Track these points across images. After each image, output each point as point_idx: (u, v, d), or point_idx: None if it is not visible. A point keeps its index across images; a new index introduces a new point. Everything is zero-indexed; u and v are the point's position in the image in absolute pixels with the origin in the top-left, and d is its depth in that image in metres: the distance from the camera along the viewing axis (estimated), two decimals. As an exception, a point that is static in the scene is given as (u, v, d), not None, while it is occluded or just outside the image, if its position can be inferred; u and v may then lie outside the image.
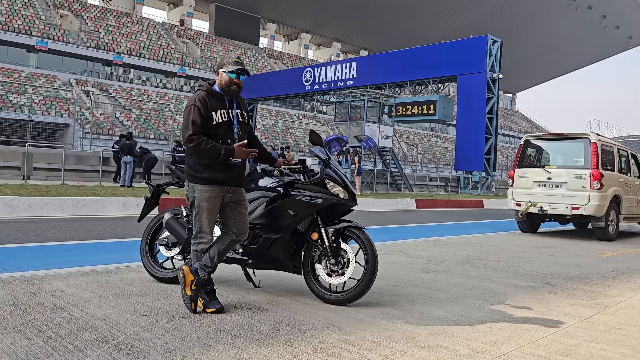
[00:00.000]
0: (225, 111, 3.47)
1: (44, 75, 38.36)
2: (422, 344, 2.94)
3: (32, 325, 2.92)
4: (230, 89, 3.47)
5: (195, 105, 3.37)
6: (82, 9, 48.65)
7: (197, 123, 3.33)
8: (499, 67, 26.01)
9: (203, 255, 3.48)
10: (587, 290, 4.72)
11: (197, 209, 3.45)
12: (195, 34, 56.79)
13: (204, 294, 3.44)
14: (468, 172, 26.47)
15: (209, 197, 3.43)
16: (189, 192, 3.49)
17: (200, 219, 3.45)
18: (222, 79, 3.46)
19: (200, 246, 3.48)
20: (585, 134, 9.31)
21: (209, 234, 3.49)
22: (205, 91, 3.47)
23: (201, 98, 3.41)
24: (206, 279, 3.46)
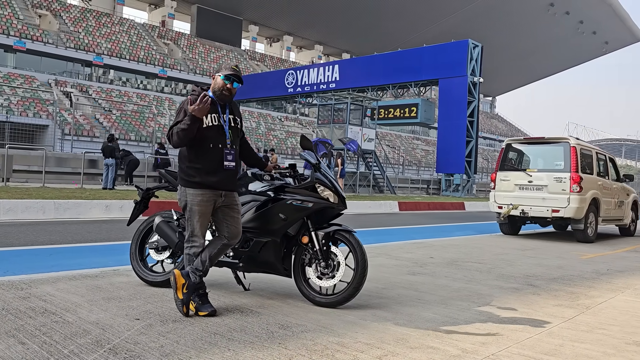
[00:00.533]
0: (216, 115, 3.51)
1: (22, 75, 37.73)
2: (413, 345, 3.00)
3: (25, 330, 2.92)
4: (222, 93, 3.52)
5: (182, 108, 3.46)
6: (61, 8, 47.99)
7: (176, 122, 3.42)
8: (479, 71, 26.38)
9: (195, 258, 3.51)
10: (569, 291, 4.84)
11: (189, 213, 3.48)
12: (177, 36, 56.41)
13: (196, 298, 3.46)
14: (449, 175, 26.76)
15: (201, 201, 3.46)
16: (181, 196, 3.54)
17: (192, 222, 3.49)
18: (216, 82, 3.53)
19: (193, 250, 3.51)
20: (565, 138, 9.52)
21: (201, 237, 3.52)
22: (196, 94, 3.51)
23: (188, 100, 3.45)
24: (198, 283, 3.48)
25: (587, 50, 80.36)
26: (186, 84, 49.29)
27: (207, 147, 3.45)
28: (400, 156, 48.73)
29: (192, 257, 3.50)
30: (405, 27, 65.30)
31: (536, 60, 79.54)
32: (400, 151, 51.07)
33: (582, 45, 77.74)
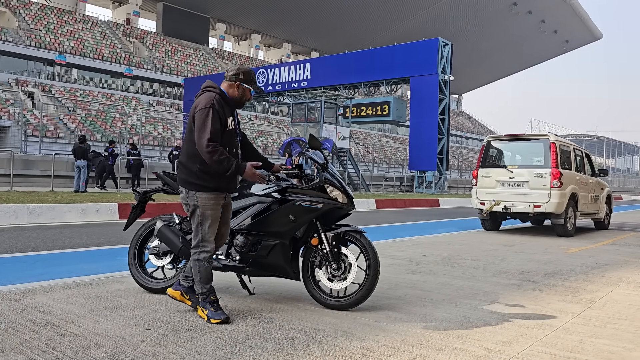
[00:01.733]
0: (233, 119, 3.46)
1: (-19, 75, 36.33)
2: (437, 346, 2.95)
3: (31, 345, 2.74)
4: (242, 102, 3.50)
5: (214, 109, 3.29)
6: (21, 5, 46.37)
7: (216, 127, 3.27)
8: (449, 69, 26.70)
9: (206, 264, 3.39)
10: (568, 286, 4.89)
11: (201, 218, 3.38)
12: (143, 34, 55.26)
13: (208, 305, 3.35)
14: (422, 172, 27.01)
15: (214, 205, 3.39)
16: (189, 200, 3.40)
17: (203, 227, 3.39)
18: (240, 90, 3.46)
19: (203, 255, 3.40)
20: (544, 135, 9.68)
21: (212, 242, 3.43)
22: (219, 94, 3.40)
23: (219, 101, 3.34)
24: (207, 290, 3.39)
25: (549, 48, 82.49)
26: (153, 82, 48.38)
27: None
28: (370, 154, 49.01)
29: (202, 263, 3.39)
30: (372, 25, 65.69)
31: (500, 58, 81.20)
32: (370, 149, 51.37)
33: (543, 43, 79.76)
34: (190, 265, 3.48)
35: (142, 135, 36.47)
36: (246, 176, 3.35)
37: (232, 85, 3.45)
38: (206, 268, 3.40)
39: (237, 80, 3.44)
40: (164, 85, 49.13)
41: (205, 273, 3.40)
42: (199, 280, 3.41)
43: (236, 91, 3.46)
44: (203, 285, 3.40)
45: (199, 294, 3.42)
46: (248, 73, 3.49)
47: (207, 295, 3.38)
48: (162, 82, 49.09)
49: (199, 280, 3.40)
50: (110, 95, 42.53)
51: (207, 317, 3.30)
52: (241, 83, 3.45)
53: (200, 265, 3.40)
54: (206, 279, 3.41)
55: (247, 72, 3.49)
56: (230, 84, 3.46)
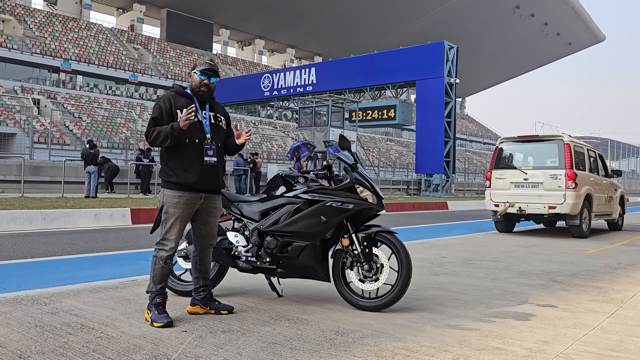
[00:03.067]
0: (195, 111, 3.39)
1: (-15, 82, 36.48)
2: (478, 346, 2.92)
3: (71, 348, 2.72)
4: (200, 90, 3.44)
5: (158, 104, 3.38)
6: (26, 13, 46.64)
7: (153, 120, 3.32)
8: (455, 72, 26.70)
9: (162, 262, 3.32)
10: (595, 286, 4.85)
11: (165, 215, 3.33)
12: (147, 40, 55.49)
13: (153, 307, 3.26)
14: (429, 175, 26.97)
15: (177, 203, 3.32)
16: (159, 197, 3.43)
17: (166, 225, 3.33)
18: (193, 80, 3.46)
19: (161, 253, 3.33)
20: (558, 136, 9.65)
21: (173, 242, 3.34)
22: (174, 91, 3.47)
23: (166, 97, 3.41)
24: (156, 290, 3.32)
25: (552, 51, 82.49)
26: (157, 88, 48.53)
27: (183, 142, 3.32)
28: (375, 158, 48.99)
29: (159, 260, 3.32)
30: (376, 30, 65.83)
31: (504, 61, 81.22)
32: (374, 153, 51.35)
33: (546, 46, 79.77)
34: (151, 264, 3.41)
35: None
36: (182, 126, 3.23)
37: (190, 79, 3.50)
38: (162, 267, 3.33)
39: (189, 73, 3.52)
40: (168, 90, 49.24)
41: (160, 272, 3.33)
42: (152, 278, 3.33)
43: (192, 82, 3.48)
44: (155, 284, 3.32)
45: (149, 291, 3.33)
46: (198, 60, 3.50)
47: (155, 297, 3.29)
48: (167, 87, 49.17)
49: (152, 278, 3.33)
50: (115, 101, 42.64)
51: (150, 319, 3.20)
52: (194, 74, 3.46)
53: (157, 262, 3.33)
54: (159, 279, 3.33)
55: (199, 60, 3.49)
56: (190, 79, 3.52)
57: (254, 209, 3.94)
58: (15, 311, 3.43)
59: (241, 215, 3.97)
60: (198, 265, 3.55)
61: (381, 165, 47.68)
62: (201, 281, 3.55)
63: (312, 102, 25.47)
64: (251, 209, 3.95)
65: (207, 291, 3.54)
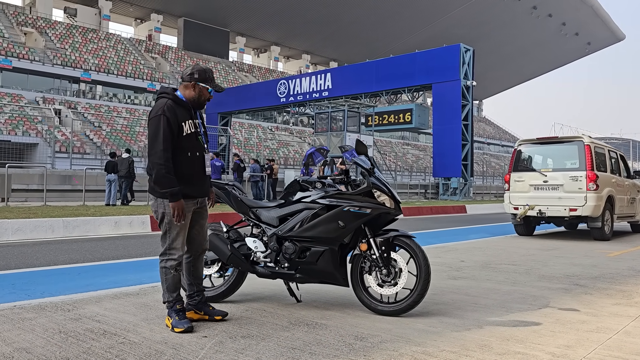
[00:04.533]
0: (192, 122, 3.36)
1: (9, 94, 37.30)
2: (499, 351, 2.89)
3: (95, 353, 2.76)
4: (202, 102, 3.41)
5: (164, 115, 3.19)
6: (47, 26, 47.63)
7: (167, 137, 3.18)
8: (472, 75, 26.50)
9: (172, 272, 3.31)
10: (619, 289, 4.77)
11: (168, 225, 3.29)
12: (164, 49, 56.23)
13: (173, 313, 3.28)
14: (447, 179, 26.77)
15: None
16: (157, 207, 3.31)
17: (171, 234, 3.30)
18: (201, 93, 3.37)
19: (170, 262, 3.31)
20: (578, 137, 9.52)
21: (180, 250, 3.34)
22: (172, 99, 3.30)
23: (170, 107, 3.23)
24: (173, 299, 3.33)
25: (571, 51, 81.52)
26: (175, 97, 48.96)
27: (185, 155, 3.29)
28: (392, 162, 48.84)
29: (169, 270, 3.31)
30: (391, 34, 65.79)
31: (521, 62, 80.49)
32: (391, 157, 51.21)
33: (565, 46, 78.88)
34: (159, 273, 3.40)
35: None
36: (171, 207, 3.19)
37: (188, 86, 3.36)
38: (173, 276, 3.32)
39: (192, 80, 3.34)
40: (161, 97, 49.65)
41: (172, 281, 3.33)
42: (166, 289, 3.33)
43: (192, 92, 3.36)
44: (170, 293, 3.33)
45: (165, 302, 3.35)
46: (204, 71, 3.38)
47: (174, 304, 3.31)
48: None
49: (166, 288, 3.33)
50: (133, 110, 43.24)
51: (171, 325, 3.23)
52: (197, 83, 3.34)
53: (167, 273, 3.32)
54: (173, 287, 3.34)
55: (203, 70, 3.38)
56: (186, 84, 3.37)
57: (272, 214, 3.97)
58: (39, 317, 3.49)
59: (259, 221, 3.99)
60: (192, 270, 3.53)
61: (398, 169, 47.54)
62: (195, 287, 3.53)
63: (328, 108, 25.48)
64: (269, 214, 3.98)
65: (201, 296, 3.54)
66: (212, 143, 33.17)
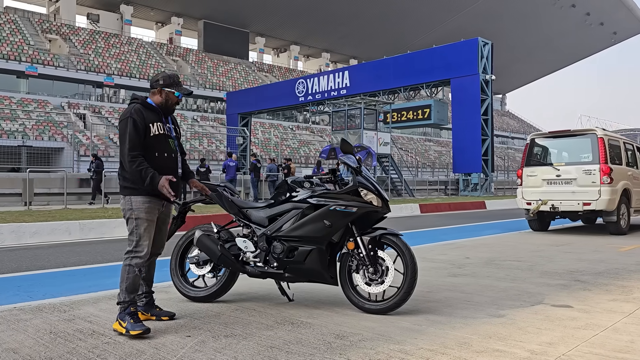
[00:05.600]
0: (161, 124, 3.48)
1: (35, 100, 38.24)
2: (478, 349, 2.88)
3: (78, 353, 2.85)
4: (172, 107, 3.55)
5: (132, 118, 3.34)
6: (71, 32, 48.65)
7: (133, 136, 3.30)
8: (491, 69, 26.16)
9: (137, 270, 3.32)
10: (620, 285, 4.68)
11: (136, 222, 3.34)
12: (185, 52, 56.90)
13: (127, 317, 3.22)
14: (467, 175, 26.50)
15: (148, 209, 3.36)
16: (125, 205, 3.39)
17: (139, 231, 3.34)
18: (167, 98, 3.50)
19: (135, 260, 3.32)
20: (591, 130, 9.34)
21: (147, 247, 3.36)
22: (141, 104, 3.45)
23: (137, 110, 3.38)
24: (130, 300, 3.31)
25: (596, 41, 79.67)
26: (196, 99, 49.59)
27: (152, 155, 3.39)
28: (414, 159, 48.52)
29: (133, 269, 3.31)
30: (410, 29, 65.30)
31: (545, 54, 79.02)
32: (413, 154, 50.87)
33: (590, 36, 77.13)
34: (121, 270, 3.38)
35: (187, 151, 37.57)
36: (159, 188, 3.30)
37: (155, 92, 3.50)
38: (135, 276, 3.31)
39: (158, 87, 3.49)
40: (207, 100, 50.27)
41: (133, 281, 3.31)
42: (125, 288, 3.30)
43: (160, 97, 3.50)
44: (128, 294, 3.29)
45: (120, 302, 3.29)
46: (169, 77, 3.51)
47: (128, 306, 3.27)
48: (205, 97, 50.24)
49: (125, 288, 3.30)
50: (156, 113, 43.83)
51: (125, 329, 3.16)
52: (162, 88, 3.48)
53: (131, 271, 3.31)
54: (132, 288, 3.32)
55: (168, 76, 3.52)
56: (154, 91, 3.51)
57: (262, 214, 4.01)
58: (35, 318, 3.60)
59: (250, 222, 4.04)
60: (144, 272, 3.54)
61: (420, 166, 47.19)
62: (144, 287, 3.59)
63: (345, 106, 25.44)
64: (259, 215, 4.02)
65: (149, 297, 3.59)
66: (232, 144, 33.51)
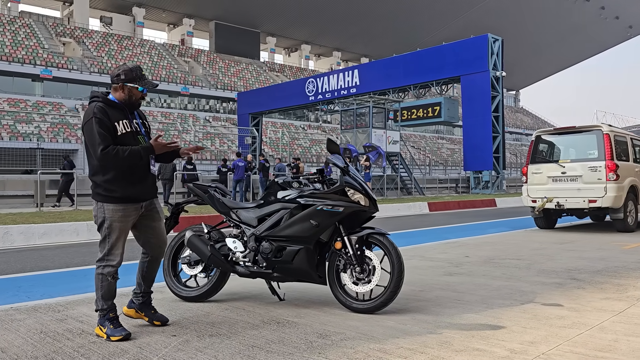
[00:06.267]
0: (127, 122, 3.27)
1: (50, 103, 38.80)
2: (458, 348, 2.89)
3: (63, 352, 2.91)
4: (138, 102, 3.34)
5: (96, 117, 3.13)
6: (84, 35, 49.22)
7: (103, 135, 3.11)
8: (501, 65, 25.94)
9: (109, 278, 3.23)
10: (616, 283, 4.64)
11: (108, 230, 3.23)
12: (197, 53, 57.24)
13: (107, 322, 3.18)
14: (478, 172, 26.32)
15: (122, 217, 3.23)
16: (97, 212, 3.25)
17: (110, 239, 3.23)
18: (130, 93, 3.28)
19: (107, 269, 3.23)
20: (596, 126, 9.24)
21: (119, 256, 3.27)
22: (102, 102, 3.23)
23: (100, 109, 3.17)
24: (107, 307, 3.24)
25: (611, 35, 78.53)
26: (208, 99, 49.90)
27: None
28: (425, 156, 48.30)
29: (106, 277, 3.22)
30: (422, 27, 64.97)
31: (559, 49, 78.08)
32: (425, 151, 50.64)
33: (605, 31, 76.02)
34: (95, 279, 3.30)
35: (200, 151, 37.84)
36: (158, 150, 3.23)
37: (117, 88, 3.27)
38: (109, 284, 3.23)
39: (119, 82, 3.25)
40: (218, 101, 50.57)
41: (108, 289, 3.24)
42: (100, 296, 3.22)
43: (122, 93, 3.27)
44: (104, 301, 3.23)
45: (98, 310, 3.24)
46: (130, 71, 3.27)
47: (107, 312, 3.22)
48: (217, 98, 50.54)
49: (100, 296, 3.22)
50: (168, 114, 44.24)
51: (106, 335, 3.13)
52: (124, 83, 3.25)
53: (104, 280, 3.23)
54: (108, 295, 3.25)
55: (129, 70, 3.27)
56: (115, 87, 3.28)
57: (251, 215, 4.05)
58: (29, 318, 3.68)
59: (240, 222, 4.08)
60: (145, 271, 3.51)
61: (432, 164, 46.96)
62: (143, 287, 3.52)
63: (353, 104, 25.41)
64: (248, 215, 4.06)
65: (147, 298, 3.51)
66: (243, 144, 33.66)
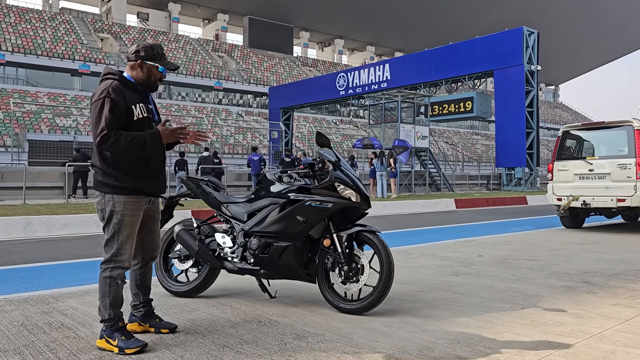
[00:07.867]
0: (144, 105, 2.93)
1: (88, 97, 39.73)
2: (438, 355, 2.71)
3: (33, 347, 2.86)
4: (156, 84, 3.00)
5: (109, 98, 2.74)
6: (121, 31, 50.25)
7: (111, 118, 2.72)
8: (537, 59, 25.14)
9: (119, 281, 2.87)
10: (631, 288, 4.34)
11: (118, 225, 2.84)
12: (230, 48, 57.70)
13: (116, 333, 2.81)
14: (510, 169, 25.64)
15: (134, 210, 2.88)
16: (104, 205, 2.86)
17: (120, 237, 2.84)
18: (150, 72, 2.94)
19: (117, 271, 2.85)
20: (628, 121, 8.77)
21: (130, 255, 2.90)
22: (119, 80, 2.86)
23: (115, 89, 2.79)
24: (115, 315, 2.87)
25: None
26: (242, 94, 50.24)
27: None
28: (459, 152, 47.45)
29: (115, 281, 2.85)
30: (457, 21, 63.74)
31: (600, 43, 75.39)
32: (458, 147, 49.76)
33: (651, 23, 72.99)
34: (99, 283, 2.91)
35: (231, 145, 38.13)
36: (166, 139, 2.87)
37: (135, 66, 2.93)
38: (118, 288, 2.86)
39: (138, 59, 2.91)
40: (251, 95, 50.87)
41: (116, 294, 2.86)
42: (109, 304, 2.83)
43: (140, 72, 2.93)
44: (112, 309, 2.84)
45: (104, 320, 2.84)
46: (151, 48, 2.94)
47: (115, 322, 2.83)
48: (250, 92, 50.85)
49: (109, 303, 2.83)
50: (202, 108, 44.74)
51: (118, 348, 2.74)
52: (144, 61, 2.91)
53: (112, 283, 2.84)
54: (117, 302, 2.86)
55: (150, 47, 2.94)
56: (132, 64, 2.94)
57: (241, 209, 3.94)
58: (16, 310, 3.67)
59: (230, 217, 3.98)
60: (138, 280, 3.16)
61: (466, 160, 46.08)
62: (141, 297, 3.18)
63: (382, 99, 25.07)
64: (239, 209, 3.95)
65: (148, 307, 3.17)
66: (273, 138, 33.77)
